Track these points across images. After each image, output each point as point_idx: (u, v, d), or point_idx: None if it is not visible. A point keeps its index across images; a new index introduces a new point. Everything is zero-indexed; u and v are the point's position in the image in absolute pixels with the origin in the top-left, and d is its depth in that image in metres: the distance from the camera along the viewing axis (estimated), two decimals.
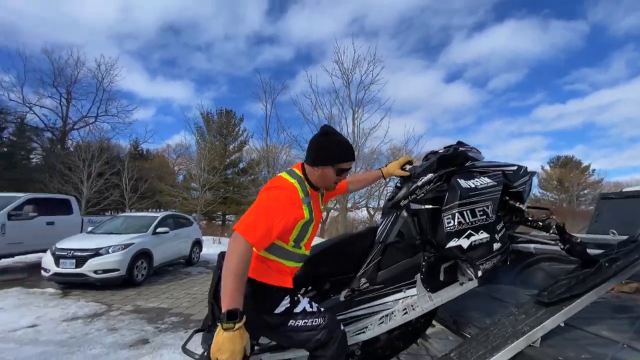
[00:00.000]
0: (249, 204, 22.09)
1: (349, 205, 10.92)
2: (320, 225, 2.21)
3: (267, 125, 12.46)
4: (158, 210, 20.43)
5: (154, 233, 6.76)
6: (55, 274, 5.41)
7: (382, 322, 1.70)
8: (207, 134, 25.63)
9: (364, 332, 1.68)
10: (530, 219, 1.88)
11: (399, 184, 2.04)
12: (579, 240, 1.76)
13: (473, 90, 48.23)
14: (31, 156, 22.48)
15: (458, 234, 1.63)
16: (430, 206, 1.76)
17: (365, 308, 1.71)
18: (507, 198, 1.88)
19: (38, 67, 22.80)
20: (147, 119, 44.52)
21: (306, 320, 1.39)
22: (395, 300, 1.72)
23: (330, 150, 1.43)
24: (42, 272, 5.56)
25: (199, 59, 40.81)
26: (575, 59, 44.47)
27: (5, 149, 19.65)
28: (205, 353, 1.48)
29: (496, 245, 1.71)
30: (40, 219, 6.79)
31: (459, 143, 2.04)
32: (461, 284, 1.82)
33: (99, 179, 15.99)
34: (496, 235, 1.72)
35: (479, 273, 1.66)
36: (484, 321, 1.90)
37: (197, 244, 8.68)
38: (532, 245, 2.34)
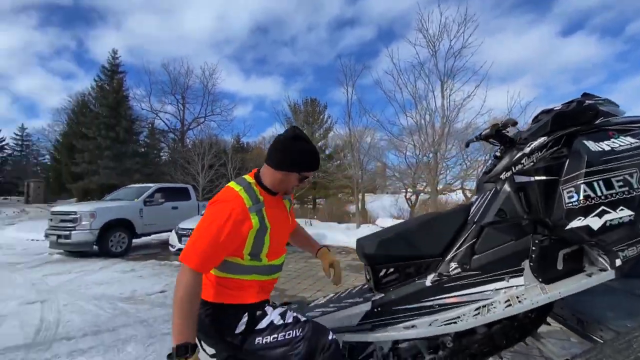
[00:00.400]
0: (335, 188, 22.48)
1: (440, 186, 10.02)
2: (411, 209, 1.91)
3: (348, 110, 12.27)
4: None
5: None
6: (179, 249, 6.53)
7: (479, 313, 1.44)
8: (295, 123, 27.10)
9: (455, 323, 1.44)
10: None
11: (498, 153, 1.70)
12: None
13: (602, 42, 38.12)
14: (161, 154, 27.59)
15: (585, 211, 1.28)
16: (544, 177, 1.42)
17: (456, 296, 1.48)
18: None
19: (160, 80, 27.67)
20: (245, 115, 49.63)
21: (276, 335, 1.24)
22: (496, 290, 1.44)
23: (300, 156, 1.33)
24: (170, 248, 6.79)
25: (286, 54, 43.28)
26: None
27: (142, 150, 24.54)
28: None
29: None
30: (167, 204, 8.25)
31: (585, 95, 1.61)
32: (589, 275, 1.41)
33: (210, 170, 18.58)
34: None
35: (617, 262, 1.29)
36: (623, 324, 1.45)
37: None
38: None
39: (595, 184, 1.29)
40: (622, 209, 1.28)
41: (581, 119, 1.46)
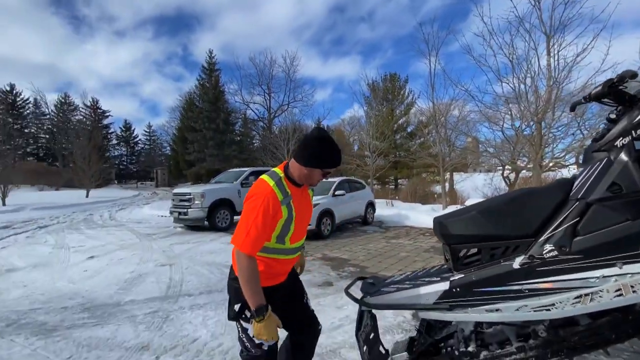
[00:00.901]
0: (419, 167, 21.30)
1: (546, 161, 8.54)
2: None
3: (432, 82, 11.31)
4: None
5: (334, 195, 7.76)
6: None
7: (579, 301, 1.27)
8: (374, 102, 26.36)
9: (548, 310, 1.30)
10: None
11: (613, 115, 1.43)
12: None
13: None
14: (253, 141, 30.46)
15: None
16: None
17: (551, 282, 1.32)
18: None
19: (248, 73, 30.21)
20: (325, 99, 50.40)
21: (244, 335, 1.50)
22: (604, 277, 1.25)
23: (323, 154, 1.47)
24: None
25: (363, 30, 41.92)
26: None
27: (238, 138, 27.48)
28: (362, 298, 1.68)
29: None
30: None
31: None
32: None
33: None
34: None
35: None
36: None
37: (371, 205, 9.33)
38: None
39: None
40: None
41: None
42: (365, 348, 1.68)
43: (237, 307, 1.49)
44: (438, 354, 1.73)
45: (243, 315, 1.48)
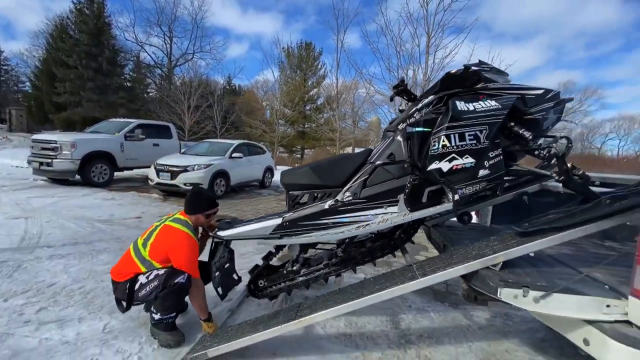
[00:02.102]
0: (325, 139, 22.30)
1: None
2: None
3: (337, 58, 12.01)
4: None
5: (230, 157, 7.81)
6: (157, 183, 6.91)
7: (359, 228, 1.89)
8: (287, 68, 26.08)
9: (342, 233, 1.91)
10: (534, 147, 1.70)
11: (402, 108, 2.06)
12: (580, 173, 1.57)
13: (628, 5, 36.12)
14: (148, 90, 26.66)
15: (440, 157, 1.64)
16: (423, 129, 1.75)
17: (345, 217, 1.90)
18: (513, 124, 1.72)
19: (145, 8, 25.58)
20: (241, 55, 46.55)
21: (144, 290, 1.93)
22: (375, 214, 1.86)
23: (199, 203, 2.13)
24: (149, 182, 7.18)
25: None
26: None
27: (127, 84, 23.65)
28: (215, 232, 2.17)
29: (482, 172, 1.65)
30: (149, 141, 8.44)
31: (479, 62, 1.90)
32: (438, 205, 1.83)
33: (196, 111, 18.33)
34: (485, 162, 1.64)
35: (456, 197, 1.68)
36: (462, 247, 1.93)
37: (269, 170, 9.71)
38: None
39: (452, 136, 1.64)
40: (467, 157, 1.64)
41: (465, 82, 1.77)
42: (217, 274, 2.09)
43: (126, 293, 1.94)
44: (275, 273, 2.34)
45: (133, 291, 1.94)
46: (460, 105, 1.66)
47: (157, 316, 1.93)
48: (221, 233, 2.09)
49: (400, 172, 1.86)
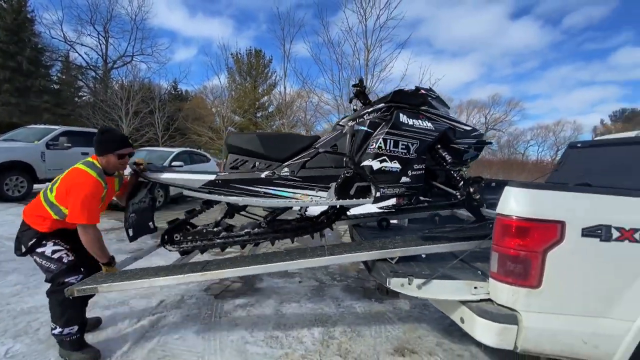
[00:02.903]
0: None
1: None
2: None
3: (284, 67, 12.20)
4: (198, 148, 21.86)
5: (170, 166, 7.48)
6: None
7: (288, 203, 2.05)
8: (237, 75, 25.64)
9: (271, 203, 2.06)
10: (451, 170, 2.02)
11: (356, 108, 2.31)
12: (478, 197, 1.88)
13: (544, 29, 42.04)
14: (80, 93, 24.34)
15: (374, 156, 1.88)
16: (368, 129, 1.97)
17: (278, 190, 2.03)
18: (439, 147, 2.04)
19: (75, 4, 23.46)
20: (189, 60, 44.44)
21: (43, 260, 1.85)
22: (306, 194, 2.02)
23: (109, 142, 1.92)
24: None
25: None
26: None
27: (55, 87, 21.38)
28: (142, 171, 2.13)
29: (404, 179, 1.92)
30: (76, 150, 7.72)
31: (429, 89, 2.21)
32: (360, 199, 2.06)
33: (136, 118, 17.18)
34: (409, 171, 1.92)
35: (377, 194, 1.91)
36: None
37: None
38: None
39: (388, 141, 1.89)
40: (395, 162, 1.90)
41: (411, 100, 2.04)
42: (133, 215, 2.07)
43: (29, 243, 1.83)
44: (194, 230, 2.36)
45: (36, 248, 1.84)
46: (403, 117, 1.92)
47: (56, 330, 1.82)
48: (150, 175, 2.06)
49: (338, 163, 2.07)
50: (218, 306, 2.73)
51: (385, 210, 2.87)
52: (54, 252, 1.84)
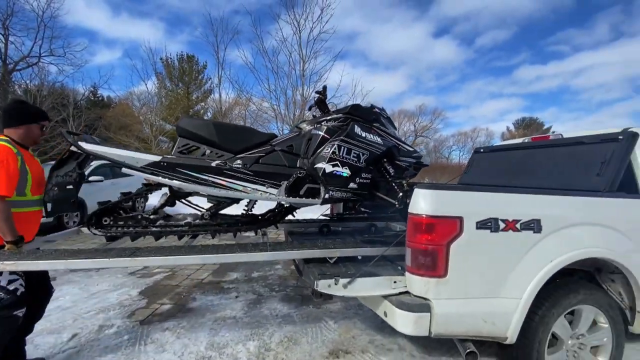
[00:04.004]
0: None
1: None
2: None
3: (219, 74, 11.85)
4: None
5: (87, 182, 6.66)
6: None
7: (236, 196, 2.04)
8: (167, 80, 24.00)
9: (218, 192, 1.97)
10: (393, 182, 2.19)
11: (315, 115, 2.43)
12: None
13: (460, 48, 47.99)
14: None
15: (328, 160, 1.98)
16: (325, 135, 2.07)
17: (227, 181, 1.97)
18: (385, 160, 2.22)
19: None
20: (112, 63, 39.89)
21: None
22: (256, 189, 2.02)
23: (29, 112, 1.88)
24: None
25: None
26: (564, 19, 44.62)
27: None
28: (77, 141, 1.91)
29: (352, 185, 2.04)
30: None
31: (382, 109, 2.39)
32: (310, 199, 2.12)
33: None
34: (357, 178, 2.09)
35: (326, 195, 2.03)
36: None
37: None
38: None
39: (342, 148, 2.00)
40: (345, 168, 2.01)
41: (366, 115, 2.19)
42: (55, 189, 1.86)
43: None
44: (127, 215, 2.14)
45: None
46: (357, 129, 2.07)
47: None
48: (85, 145, 1.82)
49: (291, 163, 2.11)
50: (144, 332, 2.50)
51: (328, 217, 2.98)
52: (9, 282, 1.67)
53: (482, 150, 3.43)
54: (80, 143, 1.84)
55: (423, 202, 1.60)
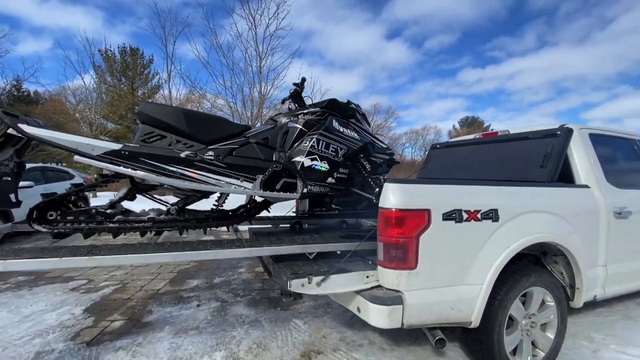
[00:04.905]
0: None
1: None
2: None
3: (168, 69, 11.12)
4: (50, 163, 17.53)
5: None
6: None
7: (207, 189, 1.92)
8: (108, 75, 21.93)
9: (185, 185, 1.81)
10: (369, 177, 2.24)
11: (292, 106, 2.41)
12: None
13: (410, 50, 50.58)
14: None
15: (306, 154, 1.97)
16: (302, 128, 2.05)
17: (197, 172, 1.84)
18: (362, 156, 2.25)
19: None
20: (40, 53, 35.15)
21: None
22: (229, 182, 1.91)
23: None
24: None
25: None
26: (499, 27, 49.23)
27: None
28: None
29: (330, 180, 2.05)
30: None
31: (357, 105, 2.38)
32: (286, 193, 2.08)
33: None
34: (335, 173, 2.09)
35: (304, 190, 2.02)
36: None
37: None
38: None
39: (320, 142, 2.01)
40: (324, 163, 2.03)
41: (342, 110, 2.19)
42: None
43: None
44: (77, 209, 1.90)
45: None
46: (335, 124, 2.09)
47: None
48: (26, 128, 1.53)
49: (267, 156, 2.04)
50: (92, 355, 2.23)
51: (300, 214, 2.92)
52: None
53: (438, 146, 3.61)
54: (20, 125, 1.55)
55: (393, 197, 1.62)
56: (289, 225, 2.71)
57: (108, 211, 1.90)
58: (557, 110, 50.99)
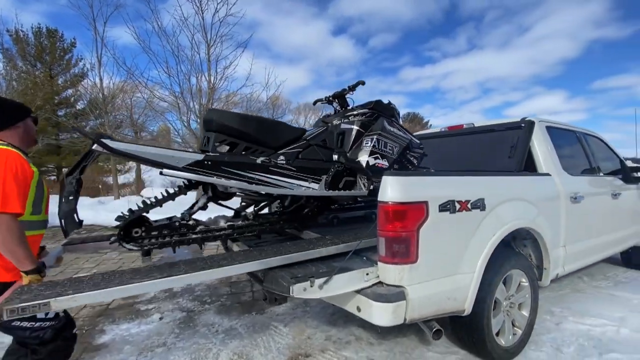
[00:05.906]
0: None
1: None
2: None
3: (98, 54, 9.82)
4: None
5: None
6: None
7: (283, 192, 1.94)
8: (17, 57, 18.65)
9: (264, 189, 1.85)
10: (411, 169, 2.48)
11: (336, 111, 2.49)
12: None
13: (356, 47, 51.82)
14: None
15: (369, 153, 2.12)
16: (359, 128, 2.19)
17: (272, 177, 1.87)
18: (407, 152, 2.44)
19: None
20: None
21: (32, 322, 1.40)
22: (299, 185, 1.97)
23: (18, 106, 1.55)
24: None
25: None
26: (435, 29, 52.87)
27: None
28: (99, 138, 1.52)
29: None
30: None
31: (389, 102, 2.47)
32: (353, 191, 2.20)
33: None
34: (391, 169, 2.22)
35: (371, 187, 2.12)
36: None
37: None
38: None
39: (380, 141, 2.18)
40: (384, 160, 2.18)
41: (387, 110, 2.34)
42: (63, 201, 1.54)
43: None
44: (159, 224, 1.79)
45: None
46: (386, 124, 2.25)
47: None
48: (110, 143, 1.48)
49: (327, 157, 2.15)
50: None
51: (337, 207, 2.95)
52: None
53: None
54: (105, 141, 1.47)
55: (392, 190, 1.56)
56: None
57: (190, 222, 1.87)
58: (484, 108, 56.88)
